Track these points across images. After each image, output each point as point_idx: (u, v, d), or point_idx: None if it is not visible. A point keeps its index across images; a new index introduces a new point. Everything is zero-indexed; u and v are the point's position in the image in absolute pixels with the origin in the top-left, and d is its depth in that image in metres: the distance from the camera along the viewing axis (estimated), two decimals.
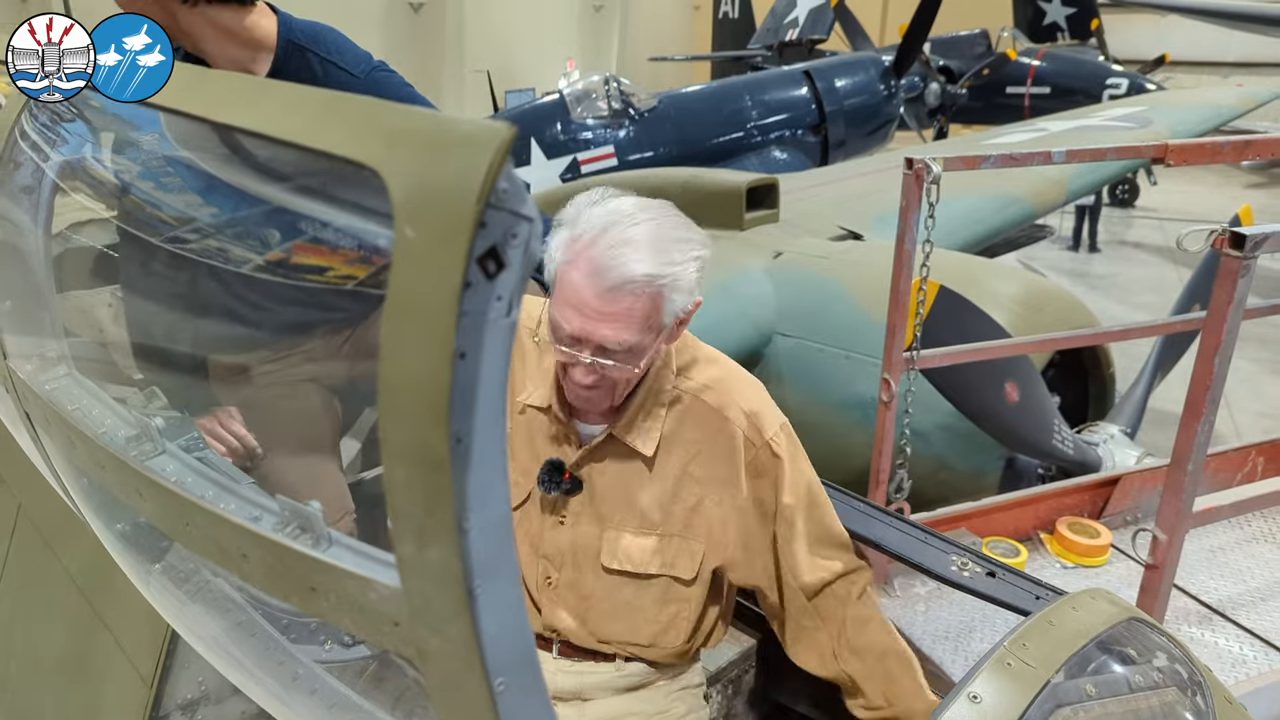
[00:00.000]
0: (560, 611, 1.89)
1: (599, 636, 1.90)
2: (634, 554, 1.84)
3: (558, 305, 1.58)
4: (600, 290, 1.54)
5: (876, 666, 1.87)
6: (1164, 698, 1.49)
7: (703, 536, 1.85)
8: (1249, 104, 9.59)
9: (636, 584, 1.86)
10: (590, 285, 1.54)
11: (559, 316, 1.59)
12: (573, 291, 1.56)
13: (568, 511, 1.84)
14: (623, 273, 1.53)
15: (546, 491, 1.80)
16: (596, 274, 1.53)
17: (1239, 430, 7.16)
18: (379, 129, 0.70)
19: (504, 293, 0.65)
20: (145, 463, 1.08)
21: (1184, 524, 2.55)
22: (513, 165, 0.64)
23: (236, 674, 1.30)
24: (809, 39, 17.33)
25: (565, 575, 1.86)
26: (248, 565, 0.89)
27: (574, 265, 1.55)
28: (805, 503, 1.87)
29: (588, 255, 1.54)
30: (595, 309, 1.55)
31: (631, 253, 1.53)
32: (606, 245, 1.53)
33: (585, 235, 1.55)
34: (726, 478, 1.83)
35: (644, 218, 1.58)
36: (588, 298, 1.55)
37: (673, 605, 1.89)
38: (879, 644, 1.88)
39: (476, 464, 0.67)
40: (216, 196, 1.46)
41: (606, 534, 1.83)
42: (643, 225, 1.56)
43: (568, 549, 1.85)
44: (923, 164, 3.11)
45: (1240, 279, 2.21)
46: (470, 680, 0.73)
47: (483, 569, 0.69)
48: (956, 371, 3.61)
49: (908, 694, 1.85)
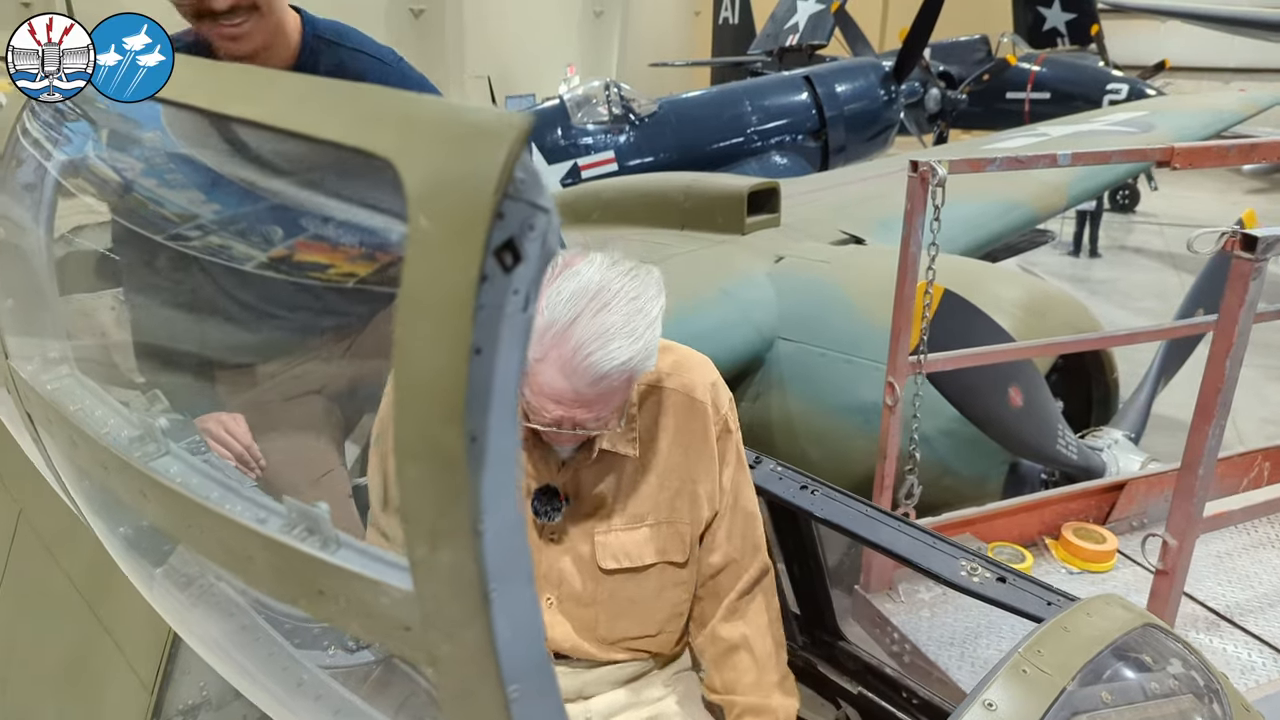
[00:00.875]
0: (565, 628, 1.88)
1: (609, 640, 1.90)
2: (629, 549, 1.84)
3: (533, 394, 1.55)
4: (579, 387, 1.52)
5: (726, 657, 1.92)
6: (1180, 705, 1.47)
7: (687, 517, 1.87)
8: (1251, 109, 9.57)
9: (636, 578, 1.87)
10: (568, 384, 1.52)
11: (535, 404, 1.56)
12: (549, 387, 1.53)
13: (556, 527, 1.83)
14: (600, 370, 1.51)
15: (548, 520, 1.79)
16: (574, 374, 1.51)
17: (1242, 436, 7.14)
18: (392, 119, 0.68)
19: (521, 286, 0.63)
20: (149, 464, 1.06)
21: (1195, 529, 2.53)
22: (530, 155, 0.62)
23: (240, 679, 1.28)
24: (809, 44, 17.35)
25: (565, 590, 1.86)
26: (254, 568, 0.87)
27: (546, 362, 1.51)
28: (742, 480, 1.93)
29: (560, 355, 1.50)
30: (574, 399, 1.54)
31: (605, 347, 1.50)
32: (579, 343, 1.49)
33: (554, 327, 1.50)
34: (703, 453, 1.86)
35: (608, 294, 1.52)
36: (564, 393, 1.53)
37: (671, 590, 1.91)
38: (737, 637, 1.92)
39: (491, 464, 0.65)
40: (221, 193, 1.44)
41: (597, 538, 1.83)
42: (611, 306, 1.52)
43: (563, 564, 1.84)
44: (928, 166, 3.10)
45: (1251, 281, 2.20)
46: (484, 687, 0.71)
47: (498, 572, 0.67)
48: (960, 376, 3.60)
49: (745, 688, 1.90)
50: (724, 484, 1.89)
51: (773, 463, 2.22)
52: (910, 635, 3.17)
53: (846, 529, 2.04)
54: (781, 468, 2.21)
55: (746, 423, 4.61)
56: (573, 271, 1.53)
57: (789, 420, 4.63)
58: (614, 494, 1.83)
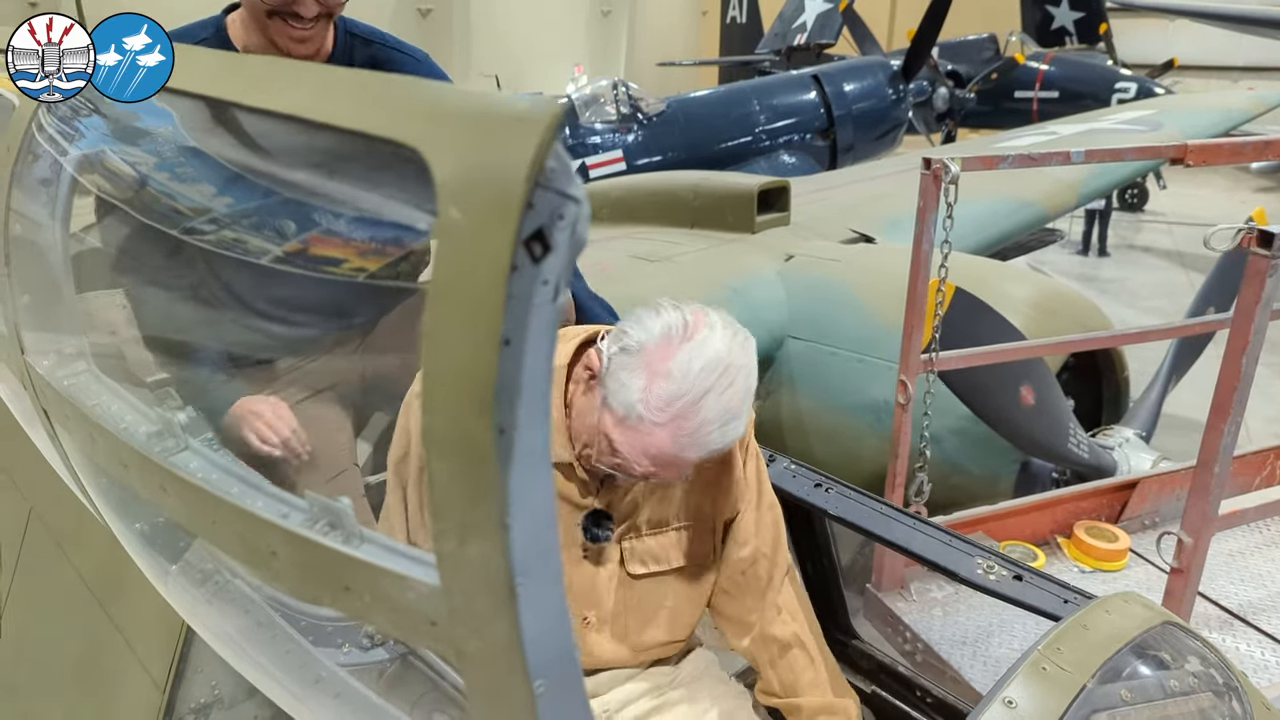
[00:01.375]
0: (602, 644, 1.88)
1: (641, 647, 1.90)
2: (656, 552, 1.85)
3: (630, 449, 1.56)
4: (686, 457, 1.56)
5: (782, 658, 1.92)
6: (1200, 703, 1.47)
7: (711, 515, 1.88)
8: (1260, 108, 9.54)
9: (665, 581, 1.87)
10: (677, 453, 1.55)
11: (630, 459, 1.57)
12: (655, 450, 1.54)
13: (595, 545, 1.82)
14: (714, 447, 1.56)
15: (604, 541, 1.78)
16: (688, 447, 1.54)
17: (1250, 435, 7.11)
18: (420, 108, 0.68)
19: (550, 277, 0.62)
20: (169, 459, 1.05)
21: (1210, 527, 2.52)
22: (562, 144, 0.61)
23: (257, 675, 1.27)
24: (817, 44, 17.34)
25: (600, 605, 1.85)
26: (277, 563, 0.86)
27: (664, 429, 1.52)
28: (763, 471, 1.94)
29: (682, 427, 1.52)
30: (671, 463, 1.57)
31: (725, 427, 1.54)
32: (704, 420, 1.52)
33: (682, 399, 1.51)
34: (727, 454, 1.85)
35: (734, 371, 1.54)
36: (669, 459, 1.56)
37: (699, 591, 1.92)
38: (789, 635, 1.92)
39: (520, 457, 0.64)
40: (235, 189, 1.44)
41: (625, 544, 1.84)
42: (735, 385, 1.54)
43: (597, 580, 1.84)
44: (941, 164, 3.09)
45: (1269, 278, 2.19)
46: (511, 682, 0.70)
47: (525, 567, 0.66)
48: (972, 374, 3.59)
49: (807, 687, 1.90)
50: (747, 476, 1.89)
51: (786, 460, 2.21)
52: (922, 634, 3.16)
53: (861, 527, 2.04)
54: (795, 466, 2.21)
55: (757, 422, 4.61)
56: (701, 340, 1.54)
57: (799, 419, 4.62)
58: (642, 500, 1.82)
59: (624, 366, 1.54)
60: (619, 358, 1.55)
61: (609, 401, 1.55)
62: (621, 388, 1.53)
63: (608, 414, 1.56)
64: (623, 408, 1.53)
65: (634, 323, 1.58)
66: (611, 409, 1.55)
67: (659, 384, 1.51)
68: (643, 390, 1.52)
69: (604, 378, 1.57)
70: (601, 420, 1.57)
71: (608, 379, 1.56)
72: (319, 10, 2.09)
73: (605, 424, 1.57)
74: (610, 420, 1.56)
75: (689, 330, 1.55)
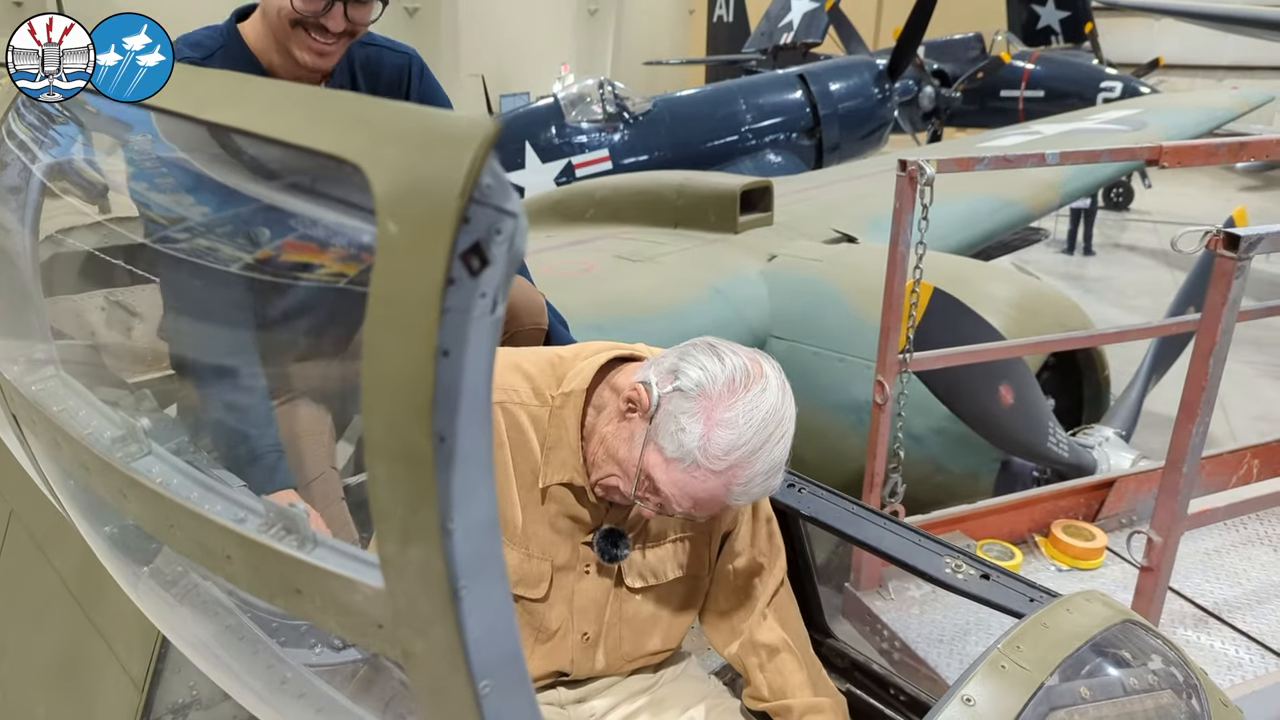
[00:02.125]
0: (597, 658, 1.88)
1: (633, 657, 1.91)
2: (654, 565, 1.85)
3: (678, 490, 1.55)
4: (730, 502, 1.56)
5: (770, 662, 1.92)
6: (1159, 700, 1.48)
7: (707, 530, 1.87)
8: (1243, 107, 9.61)
9: (660, 593, 1.88)
10: (724, 498, 1.54)
11: (673, 499, 1.56)
12: (704, 494, 1.54)
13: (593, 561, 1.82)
14: (757, 496, 1.58)
15: (621, 560, 1.77)
16: (736, 495, 1.54)
17: (1234, 433, 7.16)
18: (363, 125, 0.69)
19: (488, 290, 0.64)
20: (131, 464, 1.06)
21: (1179, 526, 2.55)
22: (498, 160, 0.63)
23: (224, 677, 1.29)
24: (803, 43, 17.37)
25: (596, 620, 1.85)
26: (232, 567, 0.88)
27: (719, 477, 1.52)
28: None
29: (736, 476, 1.52)
30: (711, 505, 1.57)
31: (770, 479, 1.55)
32: (756, 472, 1.52)
33: (741, 448, 1.51)
34: None
35: (786, 423, 1.55)
36: (715, 503, 1.56)
37: (692, 601, 1.92)
38: (777, 640, 1.92)
39: (460, 464, 0.66)
40: (204, 195, 1.45)
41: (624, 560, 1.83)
42: (786, 437, 1.55)
43: (595, 594, 1.84)
44: (916, 165, 3.11)
45: (1235, 280, 2.21)
46: (455, 682, 0.72)
47: (467, 570, 0.68)
48: (951, 374, 3.61)
49: (797, 688, 1.90)
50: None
51: None
52: (900, 632, 3.18)
53: (833, 527, 2.05)
54: None
55: None
56: (760, 389, 1.53)
57: None
58: (640, 515, 1.79)
59: (682, 410, 1.52)
60: (675, 399, 1.53)
61: (659, 441, 1.54)
62: (679, 431, 1.51)
63: (655, 453, 1.54)
64: (677, 451, 1.52)
65: (688, 362, 1.56)
66: (662, 449, 1.53)
67: (720, 433, 1.50)
68: (701, 437, 1.50)
69: (654, 416, 1.55)
70: (646, 458, 1.55)
71: (659, 418, 1.54)
72: (345, 27, 2.09)
73: (650, 462, 1.55)
74: (657, 460, 1.54)
75: (750, 379, 1.54)
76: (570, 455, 1.70)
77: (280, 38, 2.14)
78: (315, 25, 2.09)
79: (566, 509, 1.75)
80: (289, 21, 2.09)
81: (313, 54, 2.13)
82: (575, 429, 1.68)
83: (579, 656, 1.85)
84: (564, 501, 1.74)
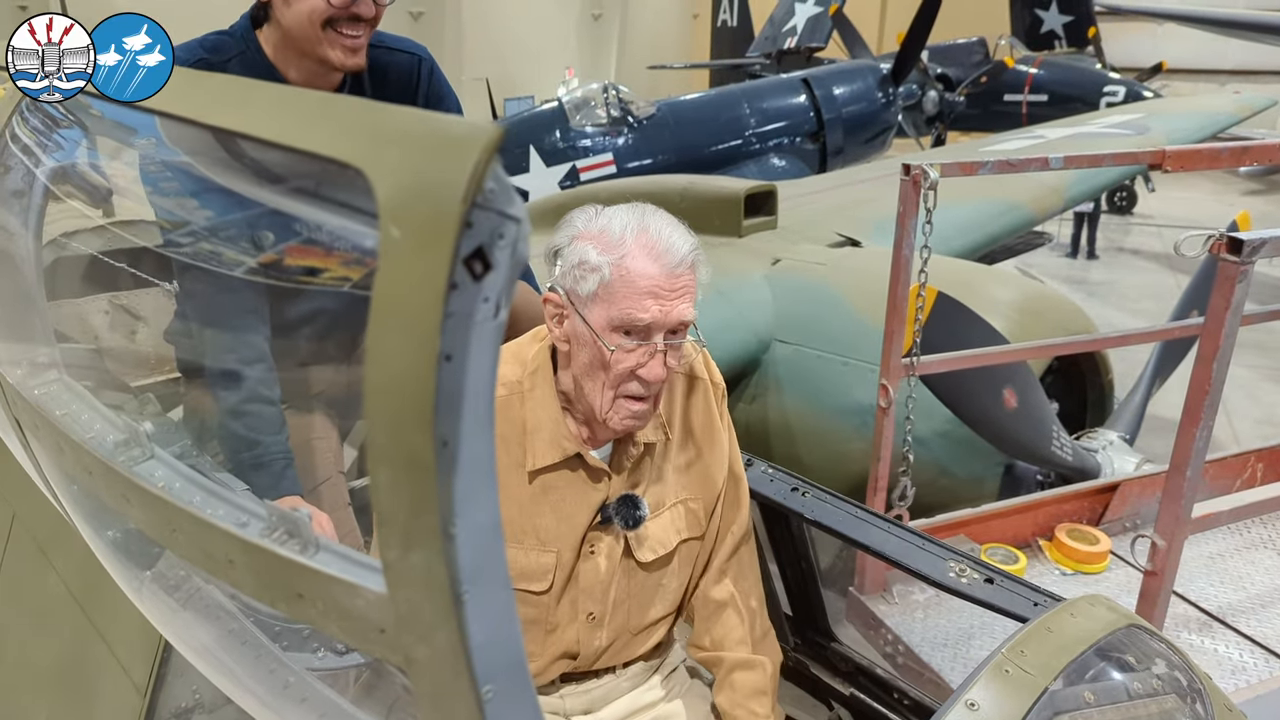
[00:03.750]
0: (602, 636, 1.89)
1: (639, 628, 1.94)
2: (659, 536, 1.88)
3: (629, 299, 1.62)
4: (668, 269, 1.63)
5: (715, 615, 1.97)
6: (1163, 705, 1.48)
7: (700, 490, 1.92)
8: (1246, 111, 9.59)
9: (664, 562, 1.91)
10: (658, 267, 1.62)
11: (634, 309, 1.62)
12: (643, 279, 1.62)
13: (595, 537, 1.83)
14: (679, 250, 1.64)
15: (637, 526, 1.81)
16: (661, 256, 1.62)
17: (1238, 437, 7.15)
18: (366, 130, 0.69)
19: (491, 294, 0.64)
20: (133, 468, 1.06)
21: (1183, 530, 2.54)
22: (501, 165, 0.63)
23: (227, 682, 1.28)
24: (807, 47, 17.34)
25: (603, 599, 1.86)
26: (234, 571, 0.88)
27: (631, 256, 1.62)
28: (734, 442, 2.01)
29: (643, 242, 1.62)
30: (668, 288, 1.63)
31: (675, 232, 1.65)
32: (656, 229, 1.64)
33: (628, 229, 1.63)
34: (710, 424, 1.93)
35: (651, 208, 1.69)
36: (660, 280, 1.62)
37: (693, 561, 1.97)
38: (725, 595, 1.98)
39: (463, 468, 0.66)
40: (208, 199, 1.45)
41: (630, 533, 1.84)
42: (661, 213, 1.68)
43: (601, 571, 1.85)
44: (920, 169, 3.11)
45: (1238, 284, 2.21)
46: (458, 687, 0.72)
47: (470, 575, 0.68)
48: (955, 378, 3.61)
49: (734, 643, 1.96)
50: (729, 451, 1.96)
51: (764, 465, 2.22)
52: (904, 636, 3.17)
53: (836, 530, 2.05)
54: (772, 470, 2.22)
55: (743, 425, 4.62)
56: (619, 208, 1.68)
57: (786, 422, 4.64)
58: (644, 486, 1.86)
59: (575, 261, 1.64)
60: (567, 267, 1.65)
61: (586, 299, 1.63)
62: (586, 271, 1.62)
63: (595, 308, 1.63)
64: (596, 281, 1.62)
65: (556, 239, 1.70)
66: (593, 299, 1.63)
67: (603, 237, 1.63)
68: (598, 251, 1.62)
69: (570, 296, 1.65)
70: (593, 321, 1.64)
71: (574, 290, 1.64)
72: (375, 12, 2.11)
73: (596, 319, 1.63)
74: (599, 311, 1.63)
75: (597, 211, 1.69)
76: (554, 429, 1.76)
77: (308, 45, 2.12)
78: (347, 19, 2.08)
79: (569, 488, 1.79)
80: (321, 23, 2.07)
81: (347, 51, 2.12)
82: (552, 401, 1.76)
83: (584, 636, 1.88)
84: (563, 482, 1.78)
